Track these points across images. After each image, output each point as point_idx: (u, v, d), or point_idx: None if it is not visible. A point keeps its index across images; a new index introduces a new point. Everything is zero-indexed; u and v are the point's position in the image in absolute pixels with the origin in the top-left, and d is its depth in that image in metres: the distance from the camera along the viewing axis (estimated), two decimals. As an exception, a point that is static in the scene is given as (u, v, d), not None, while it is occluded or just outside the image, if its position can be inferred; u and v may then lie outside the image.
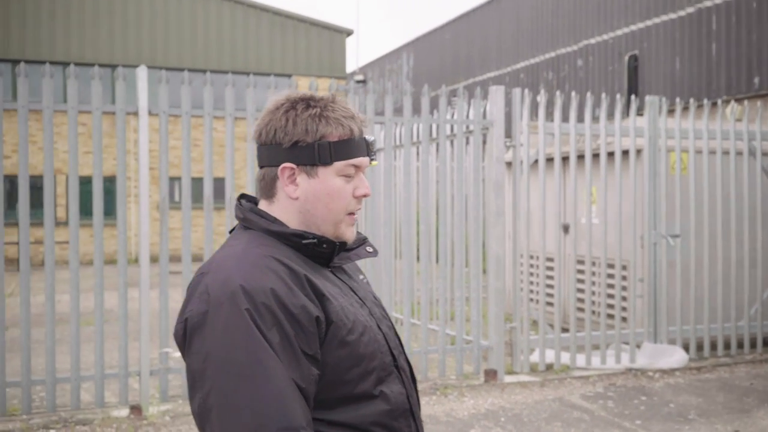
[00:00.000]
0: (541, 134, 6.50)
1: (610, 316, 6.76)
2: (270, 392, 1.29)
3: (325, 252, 1.48)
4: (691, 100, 7.22)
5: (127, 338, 5.23)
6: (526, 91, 6.60)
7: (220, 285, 1.35)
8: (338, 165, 1.46)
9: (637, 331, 6.69)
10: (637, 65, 14.90)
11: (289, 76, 18.60)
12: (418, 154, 7.41)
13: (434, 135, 6.59)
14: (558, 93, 6.71)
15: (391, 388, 1.47)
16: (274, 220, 1.48)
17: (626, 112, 11.67)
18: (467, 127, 6.37)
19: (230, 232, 1.57)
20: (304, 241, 1.45)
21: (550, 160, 7.27)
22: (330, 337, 1.38)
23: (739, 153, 7.12)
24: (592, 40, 16.15)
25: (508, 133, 6.64)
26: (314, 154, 1.44)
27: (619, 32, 15.38)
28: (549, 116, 6.77)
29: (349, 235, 1.51)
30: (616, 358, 6.53)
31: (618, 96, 7.01)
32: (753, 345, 7.13)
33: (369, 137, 1.51)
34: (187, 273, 5.31)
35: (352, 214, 1.50)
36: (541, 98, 6.62)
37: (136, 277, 5.49)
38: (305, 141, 1.44)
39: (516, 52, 18.74)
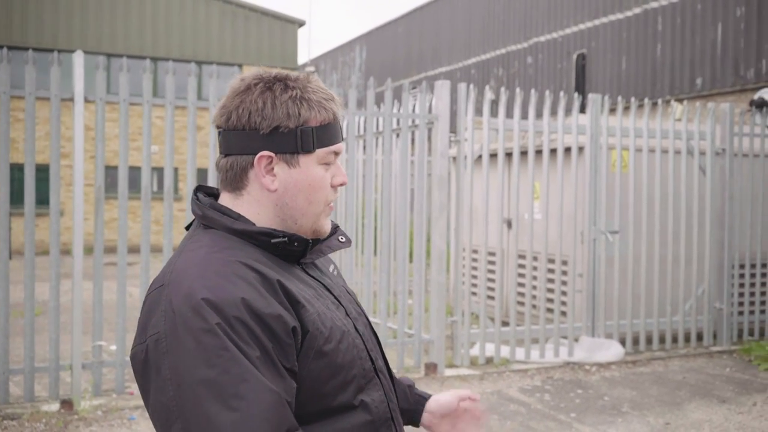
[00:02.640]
0: (485, 130, 6.55)
1: (550, 311, 6.85)
2: (261, 409, 1.14)
3: (296, 250, 1.33)
4: (633, 99, 7.36)
5: (59, 331, 5.10)
6: (472, 86, 6.64)
7: (183, 299, 1.18)
8: (320, 152, 1.31)
9: (576, 325, 6.80)
10: (585, 64, 15.13)
11: (239, 65, 18.39)
12: (364, 147, 7.39)
13: (380, 129, 6.58)
14: (503, 89, 6.76)
15: (372, 395, 1.35)
16: (238, 217, 1.32)
17: (571, 110, 11.85)
18: (413, 121, 6.37)
19: (186, 228, 1.41)
20: (273, 240, 1.30)
21: (494, 155, 7.34)
22: (306, 348, 1.24)
23: (677, 152, 7.28)
24: (542, 38, 16.34)
25: (454, 129, 6.67)
26: (296, 141, 1.29)
27: (568, 31, 15.59)
28: (494, 112, 6.82)
29: (327, 227, 1.38)
30: (555, 352, 6.63)
31: (561, 94, 7.10)
32: (687, 339, 7.31)
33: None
34: (122, 264, 5.21)
35: (329, 205, 1.37)
36: (486, 94, 6.66)
37: (71, 268, 5.35)
38: (287, 126, 1.28)
39: (467, 48, 18.85)
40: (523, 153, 6.96)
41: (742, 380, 6.20)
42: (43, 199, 6.55)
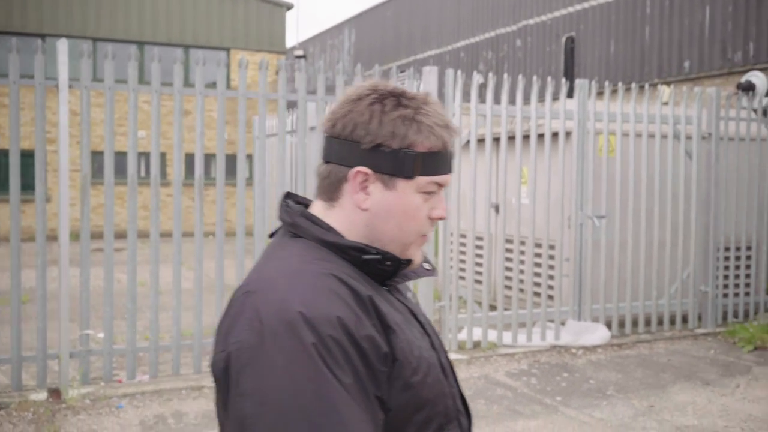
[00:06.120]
0: (473, 116, 6.55)
1: (537, 295, 6.89)
2: None
3: (387, 270, 1.24)
4: (620, 84, 7.37)
5: (47, 319, 5.10)
6: (459, 72, 6.63)
7: (274, 311, 1.09)
8: (421, 180, 1.22)
9: (563, 309, 6.86)
10: (574, 47, 15.12)
11: (227, 49, 18.28)
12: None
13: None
14: (490, 75, 6.75)
15: None
16: (329, 229, 1.24)
17: (559, 95, 11.85)
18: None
19: (270, 236, 1.34)
20: (365, 257, 1.21)
21: (481, 141, 7.35)
22: (394, 378, 1.14)
23: (664, 136, 7.30)
24: (531, 21, 16.29)
25: (441, 114, 6.65)
26: (397, 164, 1.20)
27: (557, 14, 15.55)
28: (482, 98, 6.81)
29: (418, 258, 1.29)
30: (542, 336, 6.69)
31: (549, 79, 7.10)
32: (672, 322, 7.38)
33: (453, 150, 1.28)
34: (109, 250, 5.21)
35: (424, 236, 1.27)
36: (474, 80, 6.66)
37: (58, 255, 5.35)
38: (389, 146, 1.19)
39: (457, 31, 18.79)
40: (511, 138, 6.97)
41: (726, 362, 6.27)
42: (29, 185, 6.52)
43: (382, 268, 1.23)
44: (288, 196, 1.33)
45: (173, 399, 5.06)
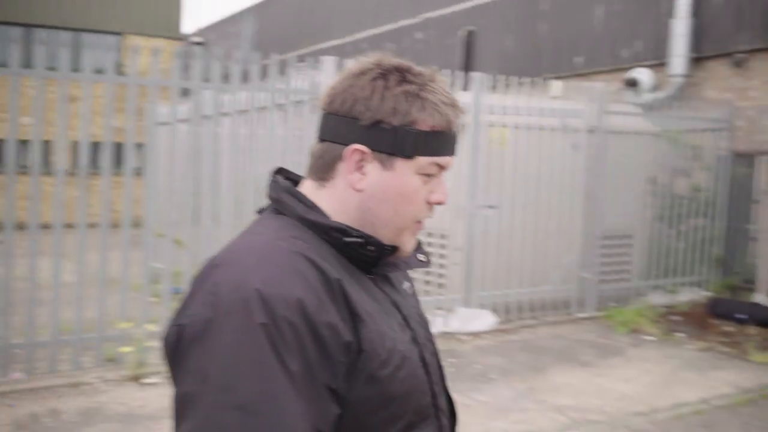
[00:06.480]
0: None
1: (428, 283, 7.09)
2: None
3: (370, 256, 1.16)
4: (514, 78, 7.64)
5: None
6: (354, 63, 6.70)
7: (232, 286, 1.03)
8: (421, 161, 1.14)
9: (453, 297, 7.08)
10: (473, 40, 15.48)
11: (119, 33, 17.71)
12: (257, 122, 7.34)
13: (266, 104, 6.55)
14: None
15: None
16: (313, 207, 1.17)
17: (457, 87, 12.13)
18: (298, 97, 6.38)
19: (258, 212, 1.25)
20: (346, 239, 1.14)
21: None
22: (358, 370, 1.07)
23: (553, 129, 7.63)
24: (432, 14, 16.56)
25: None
26: (397, 142, 1.12)
27: (457, 7, 15.87)
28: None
29: (409, 246, 1.21)
30: (432, 324, 6.89)
31: (448, 71, 7.27)
32: (555, 307, 7.75)
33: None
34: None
35: (419, 222, 1.20)
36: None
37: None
38: (390, 123, 1.12)
39: (359, 22, 18.87)
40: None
41: (602, 345, 6.65)
42: None
43: (365, 253, 1.15)
44: (279, 171, 1.26)
45: (49, 397, 4.90)
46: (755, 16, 10.66)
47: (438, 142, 1.15)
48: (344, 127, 1.14)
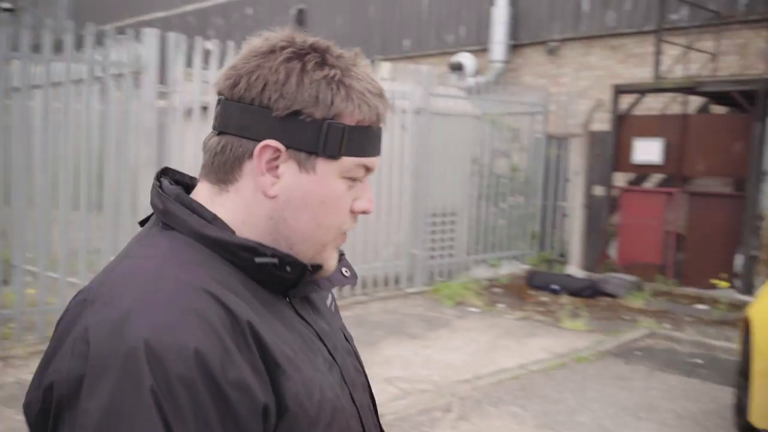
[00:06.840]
0: (196, 82, 6.43)
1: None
2: None
3: (287, 278, 0.94)
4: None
5: None
6: (183, 37, 6.45)
7: (108, 334, 0.79)
8: (347, 162, 0.94)
9: (287, 275, 7.07)
10: (304, 19, 15.42)
11: None
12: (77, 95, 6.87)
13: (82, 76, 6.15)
14: (216, 41, 6.67)
15: None
16: (213, 219, 0.93)
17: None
18: (118, 70, 6.04)
19: (140, 224, 1.00)
20: (258, 260, 0.91)
21: (207, 108, 7.24)
22: None
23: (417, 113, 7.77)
24: (262, -10, 16.30)
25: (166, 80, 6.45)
26: (319, 138, 0.92)
27: (288, -15, 15.72)
28: (209, 65, 6.71)
29: (333, 262, 1.00)
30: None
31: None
32: (386, 283, 7.98)
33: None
34: None
35: (344, 233, 1.00)
36: (197, 45, 6.53)
37: None
38: (311, 114, 0.91)
39: (186, -6, 18.19)
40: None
41: (430, 317, 6.93)
42: None
43: (280, 276, 0.93)
44: (164, 172, 1.01)
45: None
46: (567, 5, 11.47)
47: (366, 140, 0.95)
48: (252, 117, 0.92)
